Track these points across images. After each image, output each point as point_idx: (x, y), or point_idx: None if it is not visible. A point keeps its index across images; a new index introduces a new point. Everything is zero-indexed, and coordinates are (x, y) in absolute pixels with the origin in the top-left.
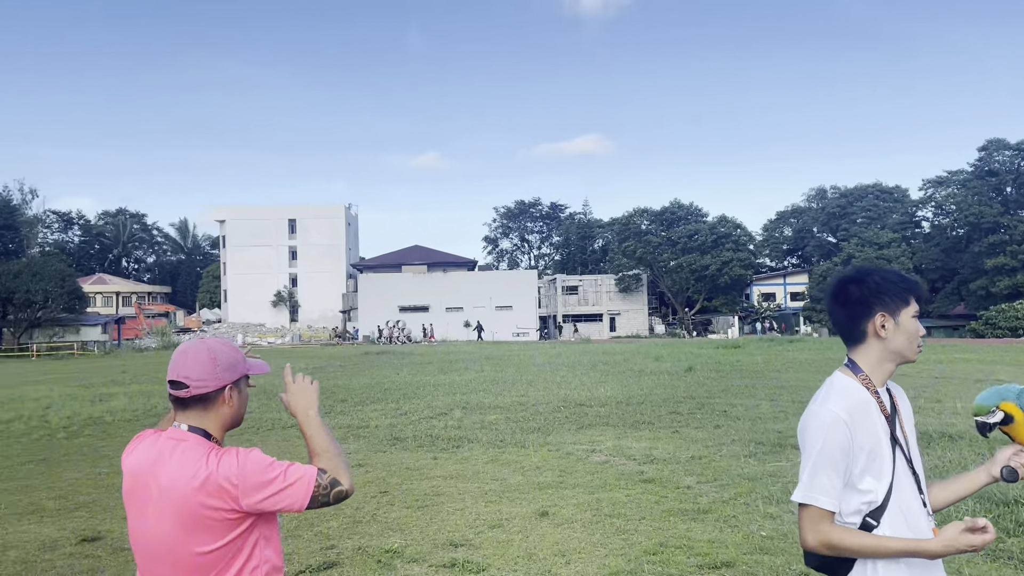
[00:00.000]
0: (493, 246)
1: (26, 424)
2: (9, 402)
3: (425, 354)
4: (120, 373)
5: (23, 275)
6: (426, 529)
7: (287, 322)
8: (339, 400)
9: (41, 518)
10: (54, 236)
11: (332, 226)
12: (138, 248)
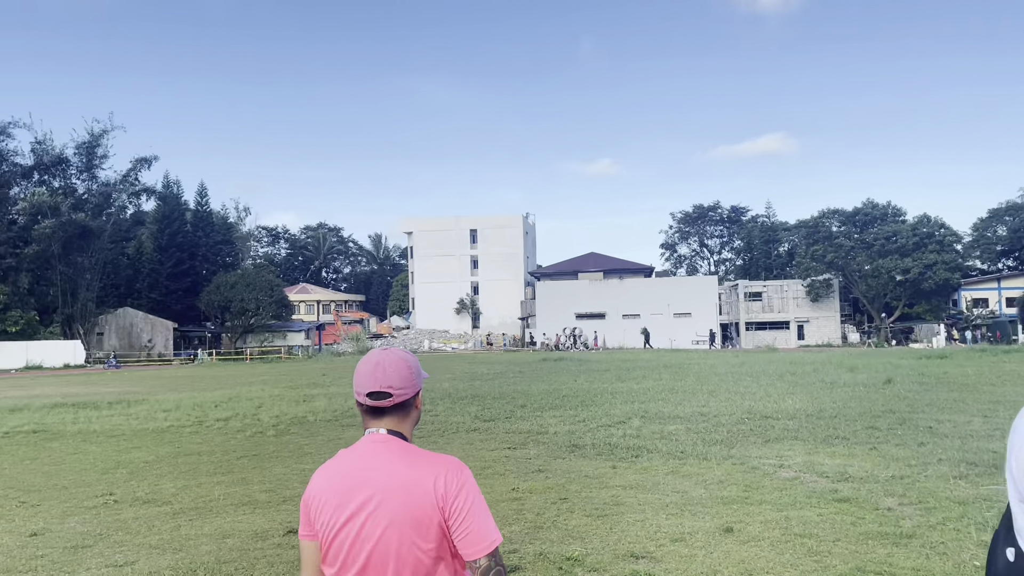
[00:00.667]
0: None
1: (241, 422)
2: (227, 402)
3: (602, 361)
4: (321, 376)
5: (238, 285)
6: (606, 538)
7: (469, 328)
8: (518, 406)
9: (254, 509)
10: (264, 249)
11: (510, 235)
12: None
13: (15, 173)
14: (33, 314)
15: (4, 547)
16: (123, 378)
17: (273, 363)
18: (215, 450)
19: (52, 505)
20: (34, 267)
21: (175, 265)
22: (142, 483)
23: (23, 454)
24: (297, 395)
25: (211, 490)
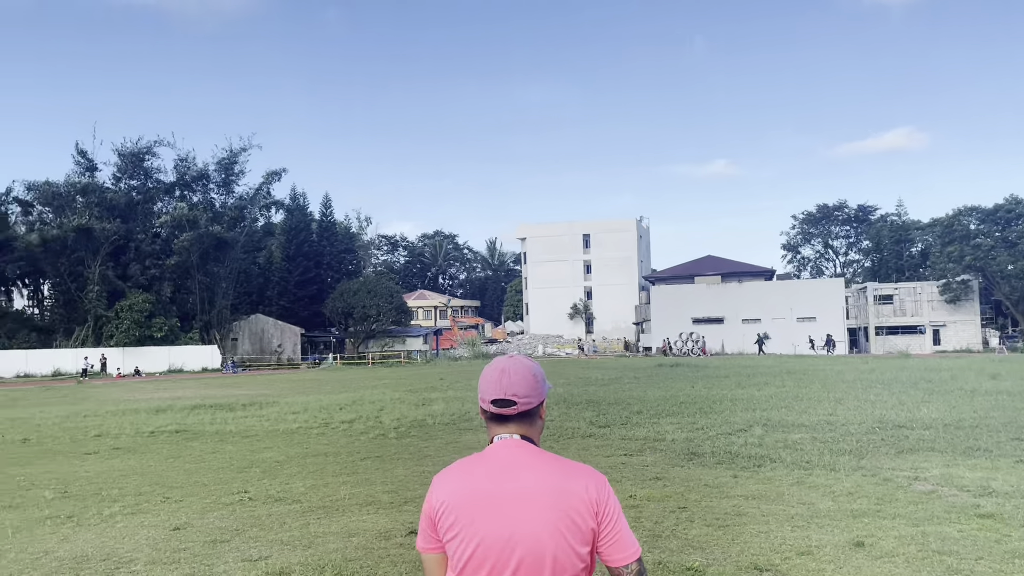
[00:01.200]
0: (793, 254)
1: (364, 424)
2: (351, 404)
3: (720, 367)
4: (438, 380)
5: (360, 292)
6: (728, 550)
7: (583, 333)
8: (634, 412)
9: (377, 510)
10: (383, 257)
11: (624, 239)
12: (452, 266)
13: (159, 189)
14: (175, 321)
15: (150, 539)
16: (255, 381)
17: (393, 367)
18: (340, 451)
19: (193, 501)
20: (175, 277)
21: (302, 273)
22: (274, 482)
23: (167, 452)
24: (416, 399)
25: (337, 490)
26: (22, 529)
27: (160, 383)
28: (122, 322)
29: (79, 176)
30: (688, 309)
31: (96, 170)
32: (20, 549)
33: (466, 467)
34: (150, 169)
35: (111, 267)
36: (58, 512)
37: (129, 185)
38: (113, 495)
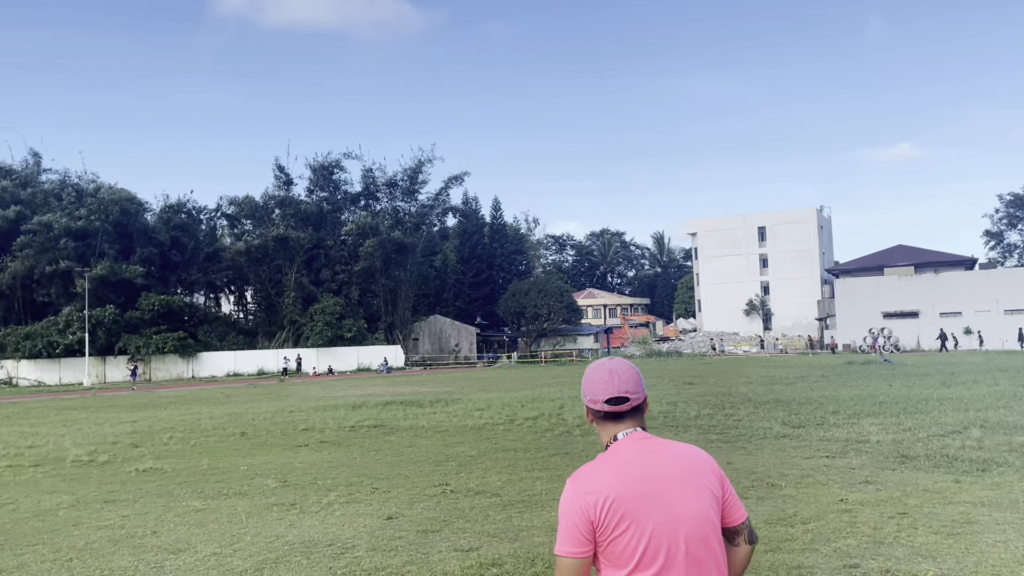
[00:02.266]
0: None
1: (548, 421)
2: (531, 402)
3: (919, 365)
4: None
5: (531, 292)
6: (963, 560)
7: (760, 330)
8: (830, 412)
9: None
10: (552, 257)
11: (803, 231)
12: (620, 263)
13: (346, 200)
14: (363, 322)
15: (367, 527)
16: (437, 379)
17: (566, 365)
18: (528, 447)
19: (400, 492)
20: (361, 281)
21: (475, 275)
22: (471, 475)
23: (368, 445)
24: None
25: (532, 484)
26: (253, 514)
27: (351, 381)
28: (316, 324)
29: (277, 190)
30: (877, 303)
31: (292, 184)
32: (255, 533)
33: (610, 465)
34: (338, 181)
35: (305, 273)
36: (282, 500)
37: (320, 196)
38: (328, 485)
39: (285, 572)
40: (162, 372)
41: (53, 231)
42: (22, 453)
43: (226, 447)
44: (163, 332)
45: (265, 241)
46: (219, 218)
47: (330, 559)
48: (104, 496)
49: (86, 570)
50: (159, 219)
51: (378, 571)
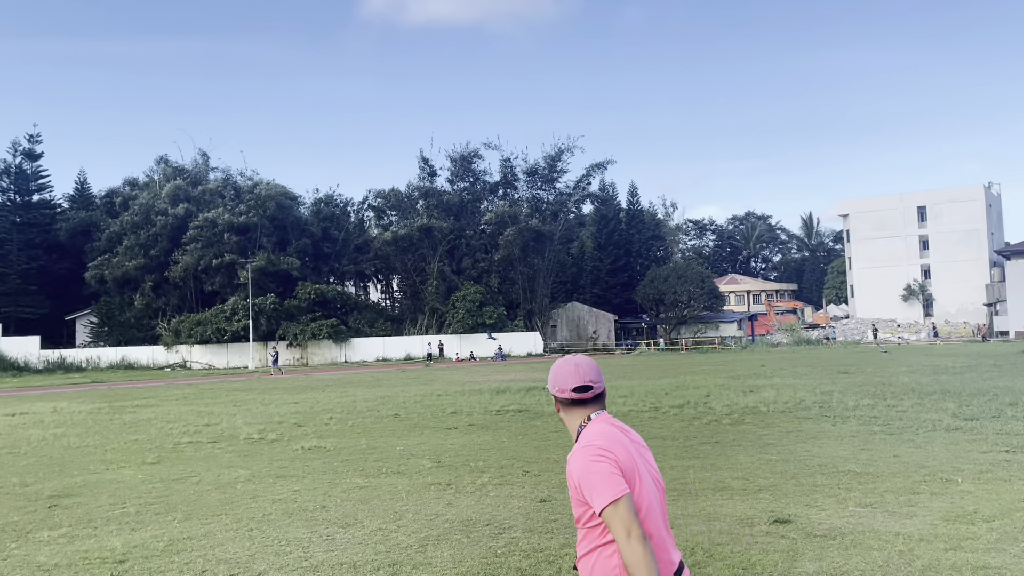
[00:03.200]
0: None
1: (694, 410)
2: (675, 390)
3: None
4: (759, 367)
5: (670, 278)
6: None
7: (920, 316)
8: (1006, 403)
9: (731, 496)
10: (691, 242)
11: (969, 210)
12: (764, 248)
13: (485, 189)
14: (502, 310)
15: (522, 509)
16: None
17: (708, 353)
18: (676, 435)
19: (551, 476)
20: (500, 269)
21: (613, 262)
22: None
23: (515, 429)
24: (741, 385)
25: (684, 473)
26: (412, 493)
27: (493, 367)
28: (457, 311)
29: (421, 181)
30: None
31: (435, 175)
32: (415, 510)
33: (602, 436)
34: (478, 171)
35: (446, 262)
36: (438, 480)
37: (460, 187)
38: (480, 466)
39: (447, 549)
40: (317, 357)
41: (217, 227)
42: (200, 431)
43: (381, 428)
44: (318, 319)
45: (410, 231)
46: (366, 210)
47: (489, 538)
48: (276, 471)
49: (265, 540)
50: (311, 212)
51: (536, 552)
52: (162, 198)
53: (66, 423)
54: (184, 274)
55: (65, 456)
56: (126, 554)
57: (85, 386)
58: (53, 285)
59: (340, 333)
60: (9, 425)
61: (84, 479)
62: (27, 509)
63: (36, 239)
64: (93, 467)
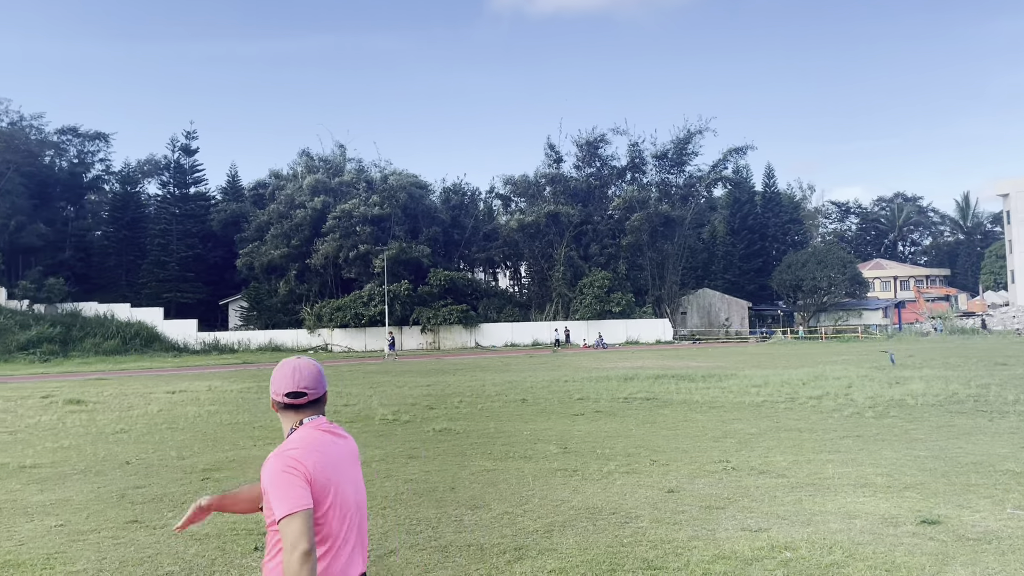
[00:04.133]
0: None
1: (834, 401)
2: (813, 380)
3: None
4: (907, 357)
5: (809, 264)
6: None
7: None
8: None
9: (874, 492)
10: (832, 226)
11: None
12: (913, 231)
13: (612, 174)
14: (630, 296)
15: (648, 499)
16: (707, 354)
17: (849, 342)
18: (815, 427)
19: (679, 466)
20: (629, 255)
21: (746, 247)
22: (752, 454)
23: (642, 417)
24: (886, 376)
25: (822, 467)
26: (539, 478)
27: (621, 354)
28: (585, 297)
29: (547, 168)
30: None
31: (561, 161)
32: (541, 496)
33: (304, 444)
34: (605, 156)
35: (573, 248)
36: (564, 466)
37: (587, 172)
38: (606, 454)
39: (572, 536)
40: (449, 341)
41: (353, 218)
42: (339, 411)
43: (509, 412)
44: (448, 305)
45: (537, 218)
46: (493, 197)
47: (615, 527)
48: (408, 452)
49: (397, 518)
50: (440, 200)
51: (663, 543)
52: (303, 190)
53: (219, 401)
54: (324, 262)
55: (217, 432)
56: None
57: (236, 367)
58: (208, 272)
59: (470, 319)
60: (170, 402)
61: (234, 454)
62: (183, 481)
63: (193, 229)
64: (242, 443)
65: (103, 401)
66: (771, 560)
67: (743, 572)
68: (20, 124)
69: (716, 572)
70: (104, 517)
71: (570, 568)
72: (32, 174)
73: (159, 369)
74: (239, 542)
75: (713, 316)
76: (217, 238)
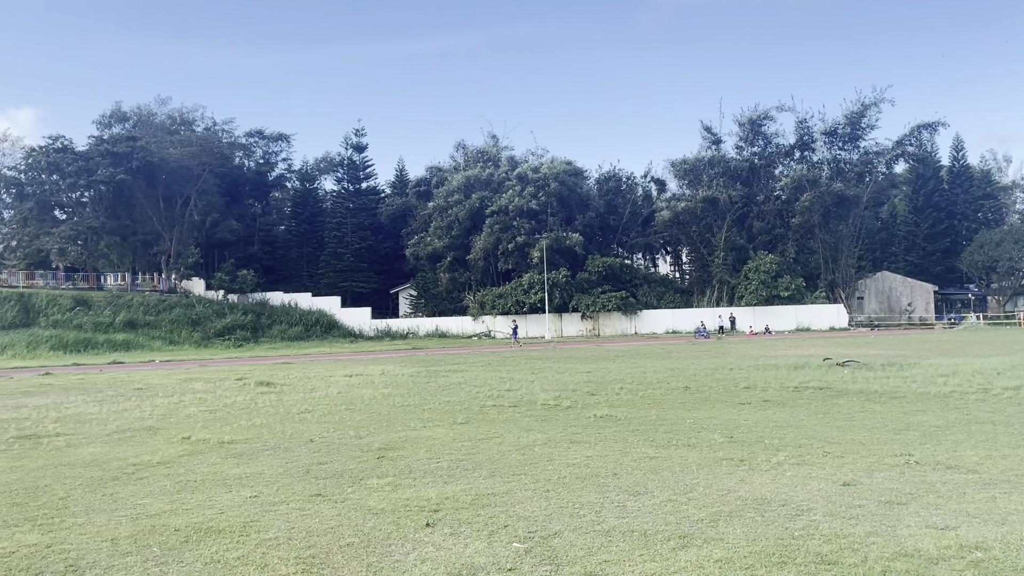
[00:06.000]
0: None
1: None
2: (1010, 369)
3: None
4: None
5: (1005, 243)
6: None
7: None
8: None
9: None
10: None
11: None
12: None
13: (778, 153)
14: (800, 280)
15: (822, 492)
16: (886, 341)
17: None
18: (1011, 420)
19: (855, 459)
20: (798, 237)
21: (931, 226)
22: (938, 447)
23: (815, 407)
24: None
25: (1020, 464)
26: (703, 467)
27: (790, 341)
28: (750, 283)
29: (704, 151)
30: None
31: (720, 143)
32: (706, 485)
33: None
34: (769, 134)
35: (736, 231)
36: (730, 455)
37: (751, 152)
38: (775, 444)
39: (739, 527)
40: (608, 328)
41: (509, 212)
42: (502, 395)
43: (671, 400)
44: (607, 292)
45: (695, 202)
46: (649, 182)
47: (785, 519)
48: (570, 437)
49: (560, 501)
50: (595, 186)
51: (839, 538)
52: (460, 184)
53: (391, 384)
54: (483, 254)
55: (391, 413)
56: (439, 504)
57: (406, 352)
58: (379, 262)
59: (629, 305)
60: (347, 384)
61: (406, 434)
62: (360, 459)
63: (365, 222)
64: (413, 424)
65: (289, 383)
66: (959, 560)
67: (927, 571)
68: (214, 129)
69: (897, 570)
70: (292, 490)
71: (737, 559)
72: (224, 174)
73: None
74: (412, 518)
75: (893, 301)
76: (386, 230)
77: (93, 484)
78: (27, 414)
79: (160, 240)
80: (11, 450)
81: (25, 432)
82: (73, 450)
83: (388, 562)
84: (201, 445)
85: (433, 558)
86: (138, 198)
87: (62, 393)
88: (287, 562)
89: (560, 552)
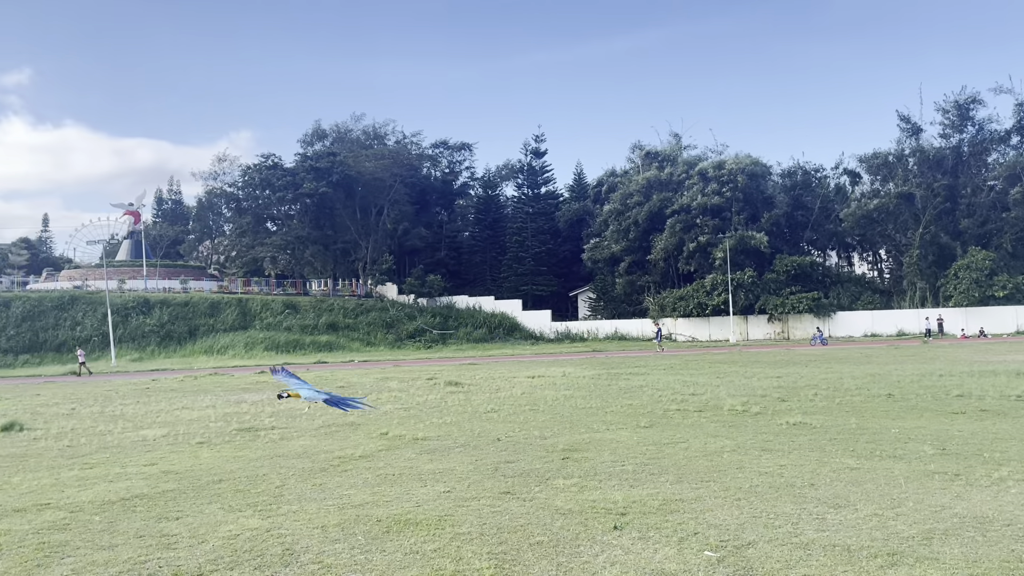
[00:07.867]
0: None
1: None
2: None
3: None
4: None
5: None
6: None
7: None
8: None
9: None
10: None
11: None
12: None
13: (992, 139)
14: (1020, 278)
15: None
16: None
17: None
18: None
19: None
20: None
21: None
22: None
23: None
24: None
25: None
26: (911, 480)
27: (1010, 345)
28: (960, 282)
29: (901, 142)
30: None
31: (920, 132)
32: (916, 500)
33: None
34: (980, 119)
35: (941, 226)
36: (943, 468)
37: (956, 140)
38: (996, 458)
39: (957, 546)
40: (798, 331)
41: (691, 212)
42: (686, 399)
43: (872, 408)
44: (797, 292)
45: (890, 198)
46: (841, 175)
47: (1011, 540)
48: (760, 444)
49: (753, 511)
50: (781, 181)
51: None
52: (637, 186)
53: (573, 386)
54: (664, 255)
55: (573, 415)
56: (626, 508)
57: (586, 354)
58: (557, 265)
59: (821, 307)
60: (530, 386)
61: (589, 436)
62: (546, 459)
63: (544, 226)
64: (596, 426)
65: (475, 383)
66: None
67: None
68: (403, 142)
69: None
70: (482, 487)
71: None
72: (413, 184)
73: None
74: (600, 520)
75: None
76: (563, 234)
77: (304, 474)
78: (246, 408)
79: (357, 248)
80: (234, 441)
81: (245, 425)
82: (286, 442)
83: (577, 563)
84: (397, 441)
85: (622, 561)
86: (338, 209)
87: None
88: (480, 557)
89: (755, 563)
